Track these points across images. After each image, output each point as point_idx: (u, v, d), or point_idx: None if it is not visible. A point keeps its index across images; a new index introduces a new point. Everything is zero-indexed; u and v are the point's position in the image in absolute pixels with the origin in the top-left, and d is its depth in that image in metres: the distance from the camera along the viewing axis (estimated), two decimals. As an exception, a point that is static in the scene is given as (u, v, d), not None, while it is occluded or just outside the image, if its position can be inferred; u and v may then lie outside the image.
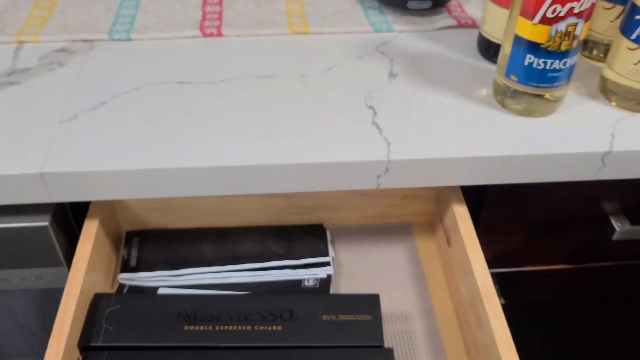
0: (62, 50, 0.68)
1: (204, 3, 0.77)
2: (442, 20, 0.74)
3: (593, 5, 0.53)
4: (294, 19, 0.74)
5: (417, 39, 0.72)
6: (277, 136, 0.56)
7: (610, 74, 0.61)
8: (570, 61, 0.56)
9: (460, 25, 0.73)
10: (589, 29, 0.66)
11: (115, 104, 0.60)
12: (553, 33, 0.53)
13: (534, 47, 0.55)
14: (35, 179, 0.53)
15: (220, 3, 0.77)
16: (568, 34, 0.53)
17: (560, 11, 0.52)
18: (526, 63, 0.56)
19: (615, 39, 0.60)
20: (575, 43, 0.54)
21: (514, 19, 0.55)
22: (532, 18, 0.53)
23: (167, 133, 0.57)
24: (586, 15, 0.53)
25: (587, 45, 0.68)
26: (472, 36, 0.71)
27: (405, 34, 0.72)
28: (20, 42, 0.69)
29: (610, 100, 0.62)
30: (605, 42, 0.66)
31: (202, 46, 0.69)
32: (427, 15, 0.75)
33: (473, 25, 0.73)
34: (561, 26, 0.53)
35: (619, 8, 0.63)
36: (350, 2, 0.78)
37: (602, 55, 0.67)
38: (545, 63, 0.55)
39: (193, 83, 0.63)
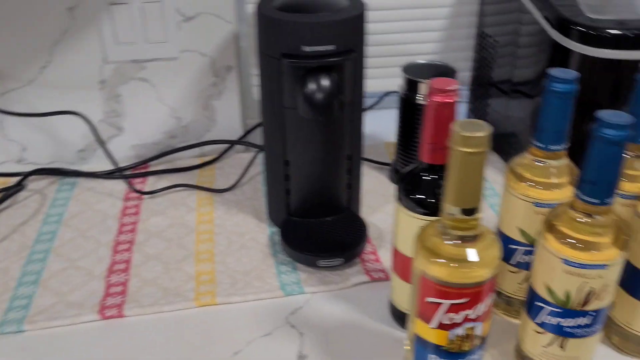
0: (-54, 353, 0.63)
1: (110, 271, 0.74)
2: (354, 276, 0.72)
3: (490, 307, 0.51)
4: (202, 287, 0.71)
5: (330, 300, 0.69)
6: None
7: (522, 351, 0.59)
8: (476, 356, 0.53)
9: (373, 280, 0.72)
10: (501, 288, 0.65)
11: None
12: (452, 337, 0.51)
13: (435, 348, 0.52)
14: None
15: (127, 269, 0.74)
16: (468, 336, 0.51)
17: (456, 318, 0.50)
18: (431, 362, 0.53)
19: (522, 316, 0.58)
20: (477, 341, 0.52)
21: (412, 317, 0.53)
22: (428, 322, 0.51)
23: None
24: (484, 316, 0.51)
25: (501, 296, 0.67)
26: (385, 291, 0.69)
27: (318, 294, 0.70)
28: None
29: (527, 373, 0.59)
30: (519, 299, 0.65)
31: (102, 331, 0.65)
32: (340, 269, 0.73)
33: (386, 279, 0.72)
34: (459, 331, 0.51)
35: (524, 272, 0.63)
36: (263, 257, 0.76)
37: (517, 308, 0.66)
38: (450, 363, 0.52)
39: (84, 391, 0.58)
